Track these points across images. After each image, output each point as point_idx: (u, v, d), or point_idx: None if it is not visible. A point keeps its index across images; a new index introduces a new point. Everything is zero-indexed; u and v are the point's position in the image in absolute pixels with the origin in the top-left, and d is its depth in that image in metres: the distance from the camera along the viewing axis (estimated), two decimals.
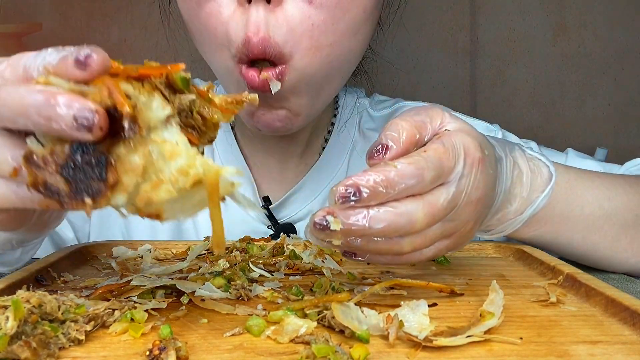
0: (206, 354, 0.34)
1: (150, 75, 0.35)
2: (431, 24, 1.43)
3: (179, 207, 0.36)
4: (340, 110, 0.78)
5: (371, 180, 0.38)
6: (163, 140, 0.33)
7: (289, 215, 0.74)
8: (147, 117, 0.33)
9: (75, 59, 0.34)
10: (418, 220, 0.39)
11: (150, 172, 0.34)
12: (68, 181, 0.33)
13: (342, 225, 0.37)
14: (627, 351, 0.34)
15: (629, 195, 0.58)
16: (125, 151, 0.33)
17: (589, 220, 0.56)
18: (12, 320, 0.31)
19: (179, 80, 0.35)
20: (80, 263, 0.56)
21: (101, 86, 0.33)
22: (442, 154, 0.41)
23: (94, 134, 0.32)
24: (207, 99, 0.37)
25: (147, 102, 0.33)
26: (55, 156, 0.34)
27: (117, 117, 0.33)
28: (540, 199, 0.53)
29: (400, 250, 0.41)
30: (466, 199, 0.42)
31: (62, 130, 0.33)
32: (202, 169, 0.33)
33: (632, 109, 1.48)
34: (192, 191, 0.34)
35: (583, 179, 0.57)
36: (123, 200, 0.34)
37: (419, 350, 0.34)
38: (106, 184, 0.33)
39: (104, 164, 0.33)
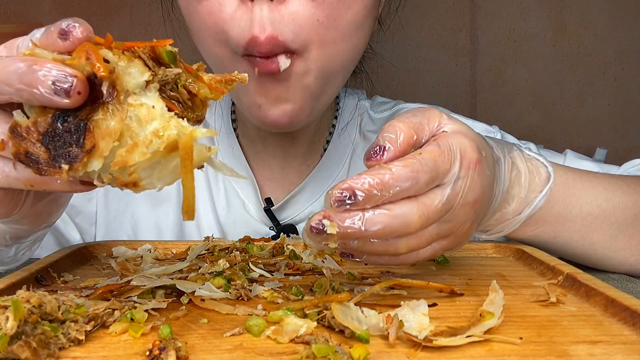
0: (206, 354, 0.34)
1: (133, 46, 0.35)
2: (431, 24, 1.43)
3: (156, 175, 0.35)
4: (341, 112, 0.78)
5: (366, 183, 0.38)
6: (139, 104, 0.34)
7: (291, 216, 0.74)
8: (125, 82, 0.34)
9: (59, 29, 0.35)
10: (413, 222, 0.40)
11: (126, 136, 0.34)
12: (48, 149, 0.34)
13: (337, 229, 0.38)
14: (627, 351, 0.34)
15: (627, 195, 0.58)
16: (103, 116, 0.33)
17: (587, 220, 0.56)
18: (12, 320, 0.31)
19: (164, 53, 0.35)
20: (80, 263, 0.56)
21: (81, 52, 0.34)
22: (437, 156, 0.41)
23: (72, 99, 0.33)
24: (195, 75, 0.37)
25: (125, 66, 0.34)
26: (38, 126, 0.34)
27: (97, 83, 0.33)
28: (538, 199, 0.53)
29: (396, 251, 0.41)
30: (462, 200, 0.42)
31: (42, 95, 0.33)
32: (176, 131, 0.33)
33: (632, 109, 1.48)
34: (169, 157, 0.34)
35: (581, 179, 0.57)
36: (98, 165, 0.34)
37: (419, 350, 0.34)
38: (83, 149, 0.33)
39: (82, 130, 0.33)
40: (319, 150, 0.76)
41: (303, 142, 0.73)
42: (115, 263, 0.53)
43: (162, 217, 0.75)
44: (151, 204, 0.76)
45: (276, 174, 0.75)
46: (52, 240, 0.74)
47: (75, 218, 0.75)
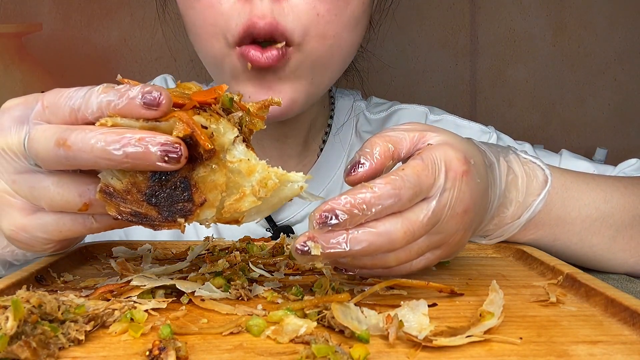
0: (206, 354, 0.34)
1: (209, 103, 0.39)
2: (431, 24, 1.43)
3: (256, 211, 0.41)
4: (336, 112, 0.78)
5: (348, 203, 0.38)
6: (239, 160, 0.39)
7: (287, 217, 0.74)
8: (221, 142, 0.38)
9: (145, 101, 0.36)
10: (398, 239, 0.40)
11: (231, 187, 0.39)
12: (156, 207, 0.38)
13: (322, 250, 0.38)
14: (627, 351, 0.34)
15: (625, 197, 0.58)
16: (205, 173, 0.38)
17: (586, 222, 0.56)
18: (12, 320, 0.31)
19: (226, 101, 0.40)
20: (80, 263, 0.56)
21: (175, 120, 0.37)
22: (420, 171, 0.41)
23: (181, 163, 0.36)
24: (247, 110, 0.42)
25: (217, 128, 0.38)
26: (137, 187, 0.38)
27: (192, 144, 0.37)
28: (536, 203, 0.53)
29: (385, 265, 0.42)
30: (450, 212, 0.42)
31: (152, 165, 0.36)
32: (277, 179, 0.39)
33: (632, 109, 1.48)
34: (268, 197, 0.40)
35: (579, 181, 0.57)
36: (211, 214, 0.39)
37: (419, 350, 0.34)
38: (194, 204, 0.38)
39: (187, 186, 0.38)
40: (315, 150, 0.76)
41: (297, 141, 0.73)
42: (115, 263, 0.53)
43: None
44: None
45: None
46: None
47: None
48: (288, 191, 0.41)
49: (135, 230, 0.75)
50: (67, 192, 0.40)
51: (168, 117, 0.37)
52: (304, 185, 0.41)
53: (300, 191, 0.41)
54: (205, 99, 0.40)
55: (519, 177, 0.52)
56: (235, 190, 0.39)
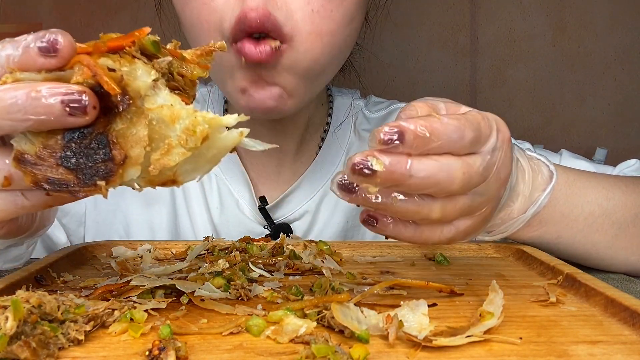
0: (206, 354, 0.34)
1: (122, 46, 0.34)
2: (431, 24, 1.43)
3: (192, 167, 0.36)
4: (334, 110, 0.78)
5: (417, 125, 0.36)
6: (159, 106, 0.33)
7: (285, 215, 0.74)
8: (136, 86, 0.33)
9: (40, 47, 0.33)
10: (457, 178, 0.38)
11: (156, 139, 0.34)
12: (72, 170, 0.33)
13: (383, 167, 0.35)
14: (627, 351, 0.34)
15: (626, 195, 0.58)
16: (123, 125, 0.33)
17: (589, 219, 0.56)
18: (12, 321, 0.31)
19: (149, 44, 0.35)
20: (80, 263, 0.56)
21: (79, 66, 0.33)
22: (480, 120, 0.40)
23: (89, 115, 0.32)
24: (180, 57, 0.37)
25: (130, 71, 0.33)
26: (50, 149, 0.33)
27: (104, 93, 0.32)
28: (542, 198, 0.53)
29: (428, 214, 0.39)
30: (496, 173, 0.41)
31: (55, 120, 0.32)
32: (206, 124, 0.34)
33: (632, 109, 1.48)
34: (203, 147, 0.35)
35: (581, 178, 0.57)
36: (136, 174, 0.34)
37: (419, 350, 0.34)
38: (115, 162, 0.33)
39: (105, 143, 0.33)
40: (314, 148, 0.76)
41: (294, 138, 0.73)
42: (115, 263, 0.53)
43: (155, 217, 0.75)
44: (143, 204, 0.75)
45: (270, 172, 0.75)
46: (38, 243, 0.73)
47: (63, 219, 0.75)
48: (226, 140, 0.36)
49: (136, 231, 0.75)
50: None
51: (72, 64, 0.33)
52: (243, 130, 0.36)
53: (241, 138, 0.36)
54: (118, 43, 0.34)
55: (525, 171, 0.52)
56: (162, 144, 0.34)
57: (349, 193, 0.37)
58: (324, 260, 0.54)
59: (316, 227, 0.75)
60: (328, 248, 0.57)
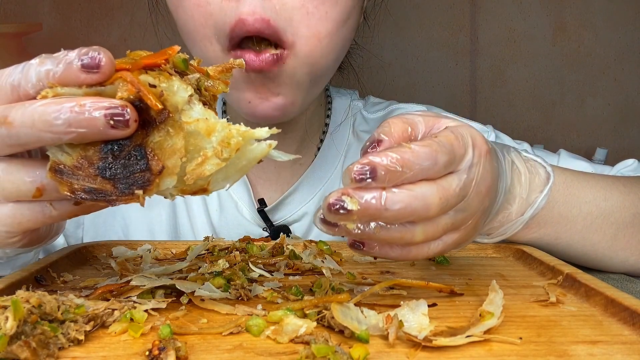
0: (206, 354, 0.34)
1: (158, 64, 0.36)
2: (431, 24, 1.43)
3: (223, 176, 0.38)
4: (333, 112, 0.78)
5: (387, 159, 0.36)
6: (196, 120, 0.35)
7: (284, 217, 0.74)
8: (174, 101, 0.35)
9: (83, 64, 0.34)
10: (433, 204, 0.38)
11: (191, 150, 0.36)
12: (110, 180, 0.35)
13: (358, 206, 0.36)
14: (627, 351, 0.34)
15: (624, 195, 0.58)
16: (160, 138, 0.35)
17: (587, 220, 0.57)
18: (12, 321, 0.31)
19: (179, 62, 0.37)
20: (80, 263, 0.56)
21: (122, 82, 0.34)
22: (453, 140, 0.40)
23: (130, 128, 0.33)
24: (206, 73, 0.39)
25: (169, 87, 0.35)
26: (88, 160, 0.35)
27: (143, 107, 0.34)
28: (540, 199, 0.53)
29: (412, 239, 0.40)
30: (476, 188, 0.42)
31: (98, 133, 0.33)
32: (240, 137, 0.36)
33: (632, 109, 1.48)
34: (234, 158, 0.37)
35: (579, 179, 0.57)
36: (172, 183, 0.36)
37: (419, 350, 0.34)
38: (152, 172, 0.35)
39: (142, 154, 0.35)
40: (313, 149, 0.76)
41: (294, 139, 0.73)
42: (115, 263, 0.53)
43: (155, 220, 0.75)
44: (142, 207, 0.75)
45: (269, 174, 0.75)
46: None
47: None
48: (256, 151, 0.37)
49: (135, 233, 0.75)
50: (18, 178, 0.38)
51: (113, 79, 0.34)
52: (272, 143, 0.38)
53: (269, 149, 0.38)
54: (154, 60, 0.36)
55: (522, 173, 0.52)
56: (197, 155, 0.36)
57: (331, 227, 0.38)
58: (324, 260, 0.54)
59: (315, 228, 0.75)
60: (328, 248, 0.57)
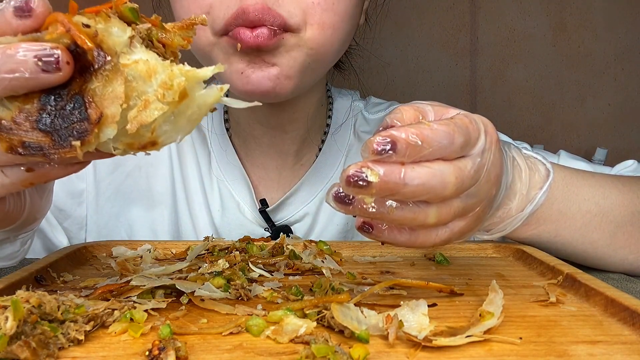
0: (206, 354, 0.34)
1: (99, 10, 0.33)
2: (431, 24, 1.43)
3: (172, 127, 0.35)
4: (334, 112, 0.78)
5: (407, 133, 0.36)
6: (135, 61, 0.32)
7: (286, 217, 0.74)
8: (112, 43, 0.32)
9: (15, 8, 0.32)
10: (450, 183, 0.38)
11: (132, 96, 0.33)
12: (48, 133, 0.32)
13: (378, 178, 0.35)
14: (627, 351, 0.34)
15: (623, 194, 0.58)
16: (99, 84, 0.32)
17: (586, 217, 0.57)
18: (12, 320, 0.31)
19: (127, 11, 0.34)
20: (80, 263, 0.56)
21: (54, 25, 0.32)
22: (468, 124, 0.40)
23: (63, 71, 0.32)
24: (160, 26, 0.36)
25: (105, 28, 0.32)
26: (26, 113, 0.33)
27: (80, 52, 0.32)
28: (539, 196, 0.53)
29: (425, 220, 0.40)
30: (486, 175, 0.42)
31: (30, 77, 0.32)
32: (184, 78, 0.33)
33: (632, 109, 1.48)
34: (182, 106, 0.33)
35: (578, 177, 0.57)
36: (113, 132, 0.33)
37: (419, 350, 0.34)
38: (90, 121, 0.32)
39: (80, 103, 0.32)
40: (314, 150, 0.76)
41: (295, 140, 0.73)
42: (115, 263, 0.53)
43: (158, 220, 0.75)
44: (145, 207, 0.75)
45: (271, 174, 0.75)
46: (39, 245, 0.74)
47: (64, 222, 0.75)
48: (206, 97, 0.34)
49: (138, 234, 0.75)
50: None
51: (48, 24, 0.32)
52: (223, 86, 0.34)
53: (221, 94, 0.34)
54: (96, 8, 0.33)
55: (522, 169, 0.52)
56: (140, 101, 0.33)
57: (345, 205, 0.37)
58: (324, 260, 0.54)
59: (316, 228, 0.75)
60: (328, 248, 0.57)
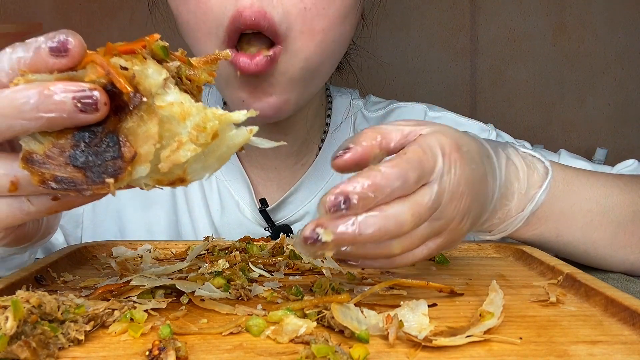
0: (206, 354, 0.34)
1: (134, 50, 0.34)
2: (431, 24, 1.43)
3: (201, 166, 0.36)
4: (333, 111, 0.78)
5: (358, 186, 0.37)
6: (170, 103, 0.34)
7: (286, 216, 0.74)
8: (147, 85, 0.33)
9: (51, 48, 0.33)
10: (406, 221, 0.39)
11: (166, 137, 0.34)
12: (81, 169, 0.34)
13: (333, 236, 0.36)
14: (627, 351, 0.34)
15: (624, 193, 0.58)
16: (134, 123, 0.33)
17: (587, 217, 0.56)
18: (12, 321, 0.31)
19: (158, 49, 0.35)
20: (80, 263, 0.56)
21: (91, 66, 0.33)
22: (421, 155, 0.41)
23: (100, 111, 0.32)
24: (188, 62, 0.37)
25: (142, 70, 0.33)
26: (59, 148, 0.34)
27: (116, 92, 0.33)
28: (539, 194, 0.53)
29: (390, 253, 0.41)
30: (449, 196, 0.42)
31: (67, 118, 0.32)
32: (217, 121, 0.34)
33: (632, 109, 1.48)
34: (212, 145, 0.35)
35: (579, 176, 0.57)
36: (145, 171, 0.34)
37: (419, 350, 0.34)
38: (124, 159, 0.33)
39: (115, 141, 0.33)
40: (314, 149, 0.76)
41: (294, 139, 0.73)
42: (115, 263, 0.53)
43: (153, 220, 0.75)
44: (141, 206, 0.75)
45: (270, 174, 0.75)
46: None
47: (60, 220, 0.75)
48: (236, 137, 0.36)
49: (134, 232, 0.75)
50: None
51: (84, 64, 0.33)
52: (253, 128, 0.36)
53: (250, 135, 0.36)
54: (130, 47, 0.34)
55: (519, 169, 0.52)
56: (172, 141, 0.34)
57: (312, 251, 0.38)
58: (324, 260, 0.54)
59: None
60: None
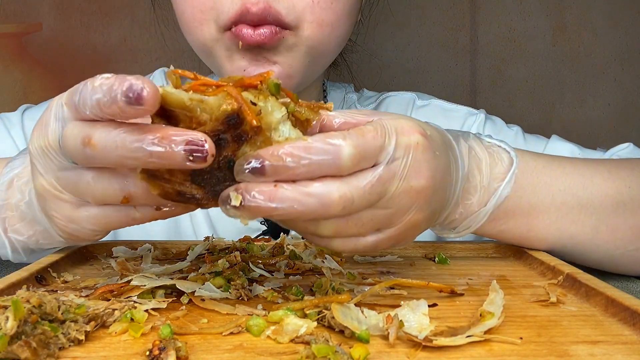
0: (206, 354, 0.34)
1: (256, 85, 0.38)
2: (431, 24, 1.43)
3: None
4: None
5: (276, 152, 0.35)
6: (285, 138, 0.37)
7: None
8: (269, 120, 0.37)
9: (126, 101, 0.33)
10: (332, 203, 0.36)
11: None
12: (200, 186, 0.38)
13: (242, 202, 0.35)
14: (627, 351, 0.34)
15: (608, 182, 0.54)
16: (251, 151, 0.37)
17: (562, 210, 0.53)
18: (12, 320, 0.31)
19: (272, 86, 0.39)
20: (80, 263, 0.56)
21: (223, 95, 0.36)
22: (367, 132, 0.38)
23: (207, 162, 0.34)
24: (296, 99, 0.40)
25: (266, 106, 0.37)
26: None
27: (238, 122, 0.36)
28: (502, 187, 0.49)
29: (317, 232, 0.39)
30: (402, 184, 0.39)
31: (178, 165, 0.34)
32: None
33: (632, 109, 1.48)
34: None
35: (552, 165, 0.53)
36: None
37: (419, 350, 0.34)
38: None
39: (232, 166, 0.37)
40: None
41: None
42: (115, 263, 0.53)
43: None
44: None
45: None
46: None
47: None
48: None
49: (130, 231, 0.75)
50: (107, 187, 0.39)
51: (217, 91, 0.36)
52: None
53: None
54: (252, 81, 0.38)
55: (482, 160, 0.49)
56: None
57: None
58: (324, 260, 0.54)
59: None
60: None
